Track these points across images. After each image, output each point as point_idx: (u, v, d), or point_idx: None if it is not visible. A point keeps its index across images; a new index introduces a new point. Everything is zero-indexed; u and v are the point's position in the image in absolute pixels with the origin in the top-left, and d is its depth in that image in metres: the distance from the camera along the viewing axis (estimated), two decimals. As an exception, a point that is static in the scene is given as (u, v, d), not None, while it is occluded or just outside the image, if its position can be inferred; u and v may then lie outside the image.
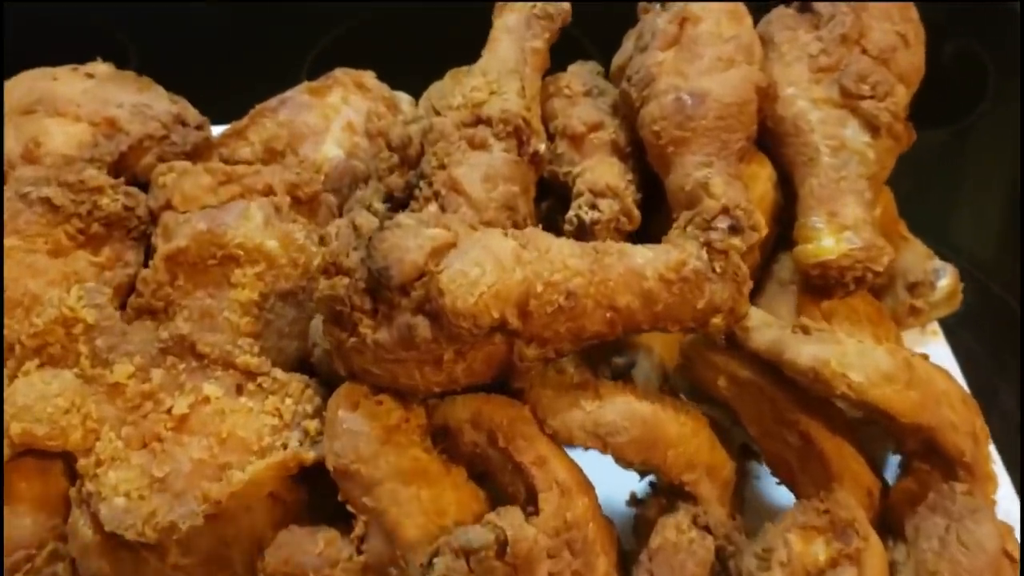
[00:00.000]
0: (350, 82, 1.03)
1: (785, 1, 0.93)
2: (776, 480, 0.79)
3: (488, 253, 0.68)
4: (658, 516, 0.75)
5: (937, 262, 0.89)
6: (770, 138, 0.87)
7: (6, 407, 0.73)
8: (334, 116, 1.01)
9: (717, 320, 0.71)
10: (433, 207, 0.80)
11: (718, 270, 0.70)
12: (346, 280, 0.71)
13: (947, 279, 0.88)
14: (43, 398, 0.73)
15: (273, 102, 1.01)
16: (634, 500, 0.80)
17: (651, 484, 0.79)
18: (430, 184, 0.80)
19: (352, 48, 1.51)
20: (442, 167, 0.80)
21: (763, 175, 0.87)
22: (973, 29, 1.57)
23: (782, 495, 0.79)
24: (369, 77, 1.04)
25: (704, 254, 0.71)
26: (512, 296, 0.67)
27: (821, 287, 0.83)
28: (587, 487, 0.73)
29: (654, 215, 0.88)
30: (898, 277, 0.89)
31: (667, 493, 0.77)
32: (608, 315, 0.70)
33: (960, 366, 0.90)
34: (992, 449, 0.76)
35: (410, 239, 0.69)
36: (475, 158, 0.81)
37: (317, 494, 0.76)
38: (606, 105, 0.91)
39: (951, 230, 1.29)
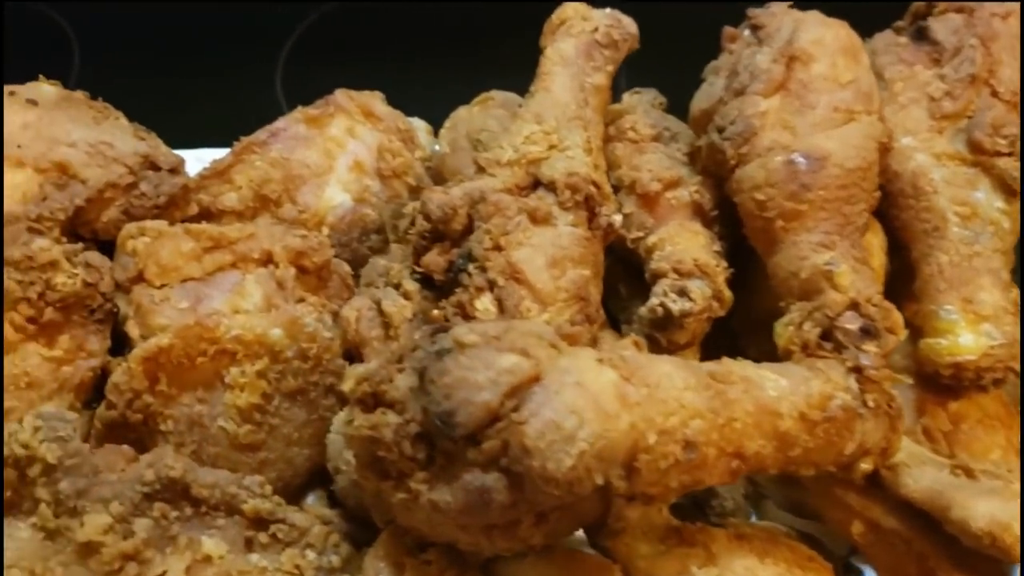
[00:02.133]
0: (355, 109, 0.85)
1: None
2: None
3: (584, 394, 0.52)
4: None
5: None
6: (882, 193, 0.72)
7: (-59, 579, 0.56)
8: (338, 153, 0.83)
9: (865, 466, 0.56)
10: (487, 299, 0.64)
11: (871, 404, 0.55)
12: (392, 418, 0.54)
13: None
14: (-7, 570, 0.56)
15: (262, 134, 0.83)
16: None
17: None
18: (483, 270, 0.64)
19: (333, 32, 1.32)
20: (498, 248, 0.64)
21: (876, 244, 0.72)
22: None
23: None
24: (378, 102, 0.86)
25: (854, 384, 0.56)
26: (619, 454, 0.51)
27: (946, 385, 0.69)
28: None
29: (737, 291, 0.72)
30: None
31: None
32: (733, 464, 0.55)
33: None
34: None
35: (480, 372, 0.52)
36: (538, 237, 0.64)
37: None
38: (680, 153, 0.75)
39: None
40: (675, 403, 0.53)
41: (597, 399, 0.52)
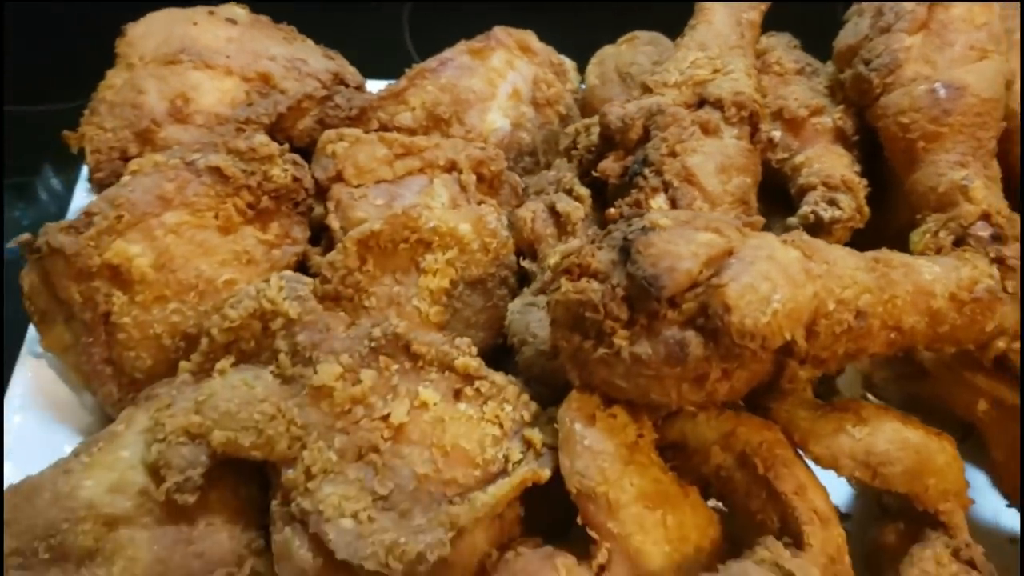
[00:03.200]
0: (514, 44, 0.94)
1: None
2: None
3: (776, 265, 0.61)
4: (899, 543, 0.70)
5: None
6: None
7: (201, 409, 0.65)
8: (499, 82, 0.92)
9: (1001, 343, 0.65)
10: (661, 198, 0.73)
11: (1010, 290, 0.64)
12: (598, 285, 0.63)
13: None
14: (248, 403, 0.65)
15: (432, 62, 0.92)
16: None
17: (881, 506, 0.74)
18: (658, 173, 0.73)
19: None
20: (673, 154, 0.73)
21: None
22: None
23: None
24: (533, 39, 0.95)
25: (996, 272, 0.64)
26: (803, 315, 0.60)
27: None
28: (837, 514, 0.68)
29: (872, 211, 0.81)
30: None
31: (908, 519, 0.71)
32: (891, 336, 0.64)
33: None
34: None
35: (682, 245, 0.62)
36: (708, 146, 0.73)
37: (531, 508, 0.70)
38: (822, 87, 0.84)
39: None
40: (849, 279, 0.62)
41: (787, 269, 0.61)
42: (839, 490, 0.72)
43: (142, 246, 0.72)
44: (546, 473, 0.66)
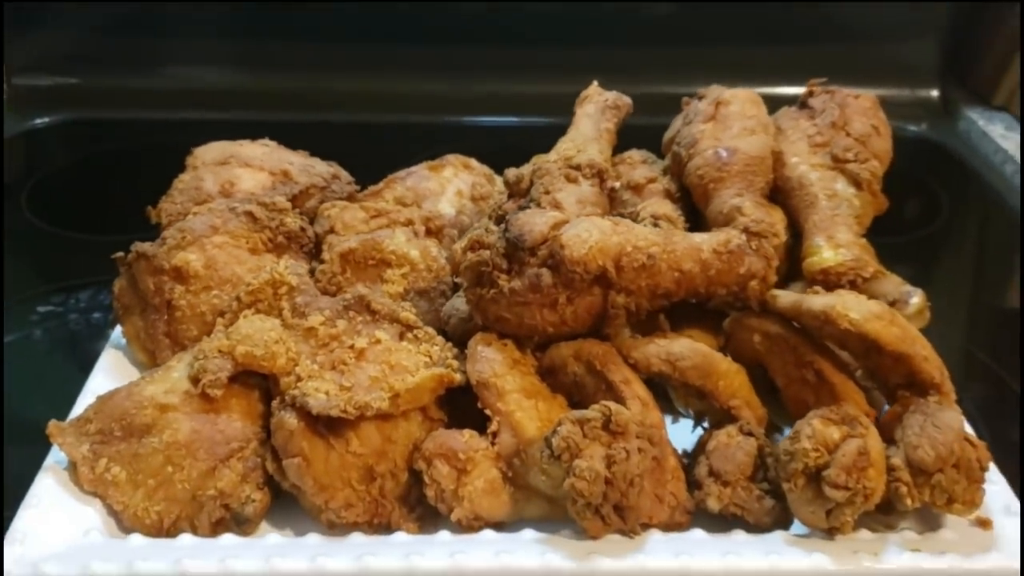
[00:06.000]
0: (459, 163, 1.35)
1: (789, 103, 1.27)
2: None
3: (593, 224, 0.97)
4: (707, 438, 1.00)
5: (909, 287, 1.17)
6: (780, 194, 1.18)
7: (230, 336, 0.99)
8: (448, 185, 1.32)
9: (754, 284, 0.99)
10: (541, 220, 1.10)
11: (754, 247, 1.00)
12: (487, 252, 0.99)
13: (917, 298, 1.15)
14: (260, 330, 0.99)
15: (401, 173, 1.33)
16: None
17: (703, 428, 1.04)
18: (539, 204, 1.11)
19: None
20: (547, 192, 1.11)
21: (778, 218, 1.17)
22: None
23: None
24: (474, 160, 1.37)
25: (743, 237, 1.00)
26: (610, 251, 0.96)
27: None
28: (659, 410, 0.99)
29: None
30: (879, 298, 1.18)
31: (716, 425, 1.01)
32: (676, 275, 0.98)
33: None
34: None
35: (537, 217, 0.99)
36: (570, 188, 1.12)
37: (455, 418, 1.01)
38: (658, 169, 1.23)
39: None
40: (643, 235, 0.98)
41: (600, 226, 0.97)
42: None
43: (197, 255, 1.09)
44: (458, 377, 0.99)
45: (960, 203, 1.95)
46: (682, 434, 1.03)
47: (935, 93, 2.20)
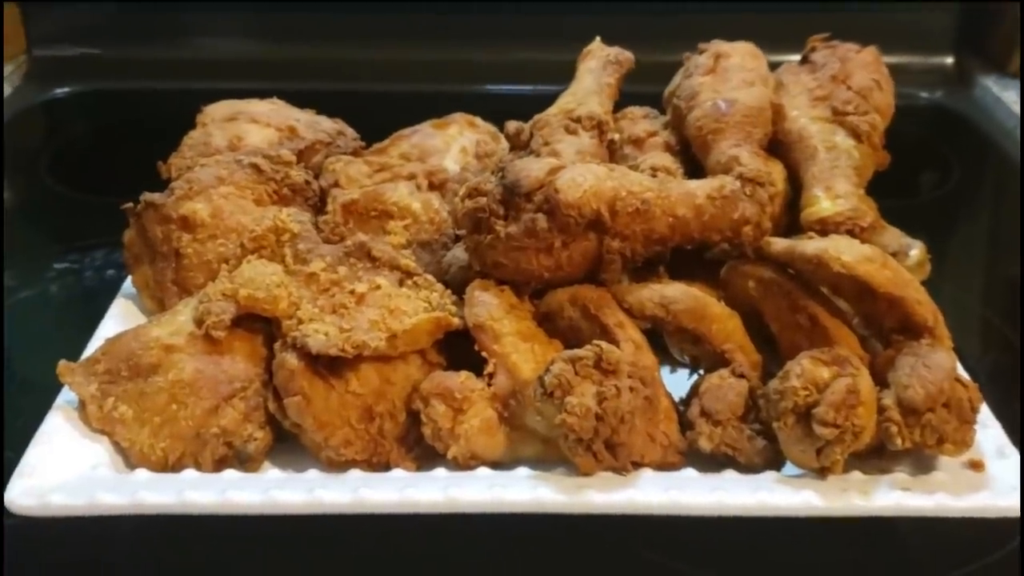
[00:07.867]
0: (464, 121, 1.37)
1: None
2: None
3: (588, 169, 0.98)
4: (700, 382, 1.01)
5: (909, 239, 1.18)
6: (781, 147, 1.19)
7: (233, 280, 1.01)
8: (452, 142, 1.34)
9: (747, 229, 1.00)
10: (540, 171, 1.11)
11: (748, 192, 1.01)
12: (484, 199, 1.01)
13: (916, 250, 1.16)
14: (263, 274, 1.02)
15: (407, 131, 1.35)
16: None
17: (699, 374, 1.05)
18: (538, 156, 1.12)
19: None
20: (547, 144, 1.12)
21: (778, 171, 1.18)
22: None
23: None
24: (478, 119, 1.38)
25: (738, 183, 1.01)
26: (605, 196, 0.97)
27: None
28: (652, 354, 1.00)
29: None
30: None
31: (709, 370, 1.03)
32: (670, 220, 0.99)
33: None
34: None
35: (533, 164, 1.00)
36: (570, 140, 1.13)
37: (454, 365, 1.03)
38: (659, 124, 1.24)
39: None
40: (637, 180, 0.99)
41: (594, 171, 0.98)
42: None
43: (204, 204, 1.11)
44: (456, 321, 1.01)
45: (974, 171, 1.94)
46: (680, 384, 1.04)
47: (950, 60, 2.18)
